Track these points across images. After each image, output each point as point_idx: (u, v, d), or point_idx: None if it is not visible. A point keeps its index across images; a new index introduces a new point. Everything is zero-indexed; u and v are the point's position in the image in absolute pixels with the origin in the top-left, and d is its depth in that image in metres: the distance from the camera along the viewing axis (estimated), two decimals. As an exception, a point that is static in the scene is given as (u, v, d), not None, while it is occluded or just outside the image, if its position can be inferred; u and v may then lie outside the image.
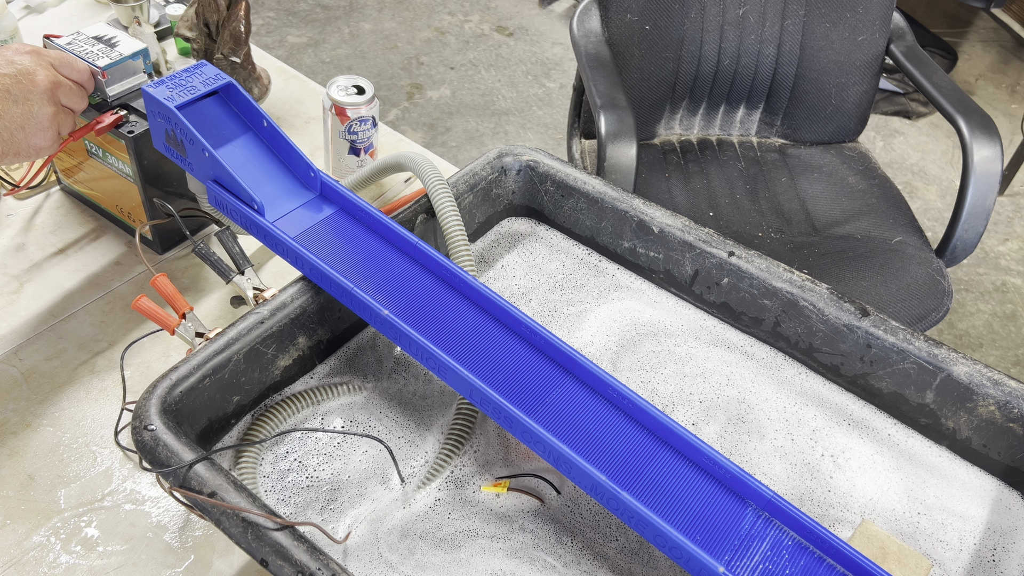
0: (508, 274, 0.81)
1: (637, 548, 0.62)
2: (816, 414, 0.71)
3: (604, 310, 0.78)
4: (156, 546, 0.66)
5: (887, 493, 0.66)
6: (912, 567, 0.61)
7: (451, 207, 0.73)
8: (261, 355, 0.64)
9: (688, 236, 0.75)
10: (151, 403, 0.57)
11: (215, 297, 0.86)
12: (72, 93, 0.72)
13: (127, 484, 0.69)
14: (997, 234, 2.32)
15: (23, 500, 0.68)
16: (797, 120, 1.56)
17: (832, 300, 0.70)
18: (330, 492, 0.63)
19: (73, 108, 0.74)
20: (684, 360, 0.75)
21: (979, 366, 0.66)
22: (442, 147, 2.41)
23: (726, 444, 0.69)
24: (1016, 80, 2.89)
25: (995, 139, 1.29)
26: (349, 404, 0.69)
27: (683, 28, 1.44)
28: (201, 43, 1.04)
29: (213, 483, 0.53)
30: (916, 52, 1.49)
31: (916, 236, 1.39)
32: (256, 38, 2.67)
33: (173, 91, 0.69)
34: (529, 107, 2.59)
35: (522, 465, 0.66)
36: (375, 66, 2.68)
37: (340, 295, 0.65)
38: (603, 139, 1.24)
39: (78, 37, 0.80)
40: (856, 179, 1.51)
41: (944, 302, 1.27)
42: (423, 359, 0.62)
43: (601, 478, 0.55)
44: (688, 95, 1.53)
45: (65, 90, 0.71)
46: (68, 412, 0.74)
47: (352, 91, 0.96)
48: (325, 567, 0.50)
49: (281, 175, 0.71)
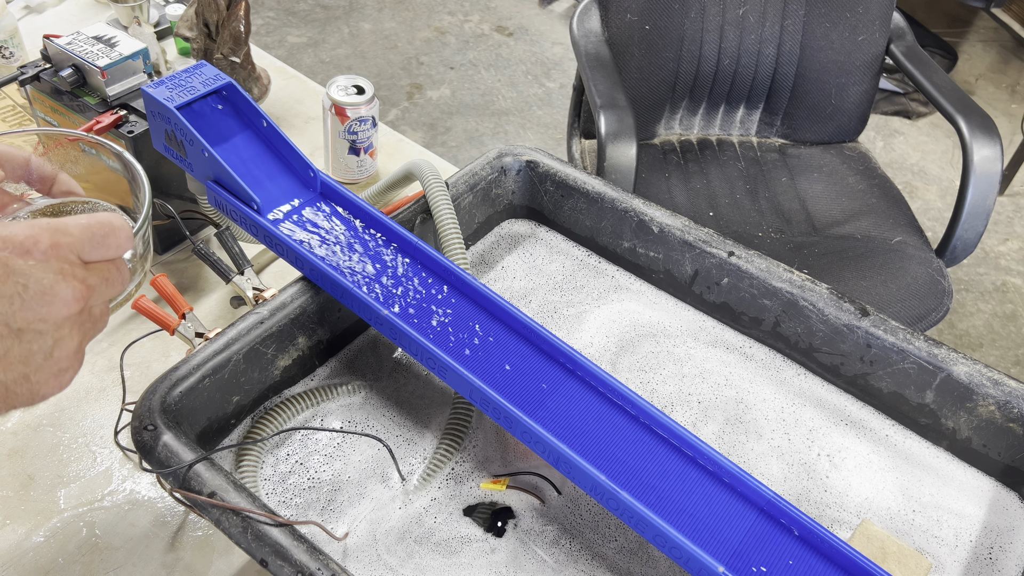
0: (508, 275, 0.81)
1: (636, 548, 0.62)
2: (813, 414, 0.71)
3: (603, 311, 0.78)
4: (156, 546, 0.66)
5: (883, 492, 0.66)
6: (912, 567, 0.61)
7: (448, 210, 0.73)
8: (261, 355, 0.64)
9: (688, 236, 0.75)
10: (151, 403, 0.57)
11: (215, 297, 0.86)
12: (109, 285, 0.45)
13: (127, 484, 0.70)
14: (997, 234, 2.32)
15: (23, 500, 0.68)
16: (797, 120, 1.56)
17: (832, 300, 0.70)
18: (330, 492, 0.63)
19: (111, 297, 0.48)
20: (683, 361, 0.75)
21: (979, 366, 0.66)
22: (442, 147, 2.41)
23: (724, 444, 0.69)
24: (1016, 80, 2.89)
25: (995, 139, 1.29)
26: (348, 404, 0.69)
27: (683, 28, 1.44)
28: (201, 43, 1.04)
29: (213, 483, 0.53)
30: (916, 52, 1.49)
31: (916, 236, 1.39)
32: (256, 38, 2.67)
33: (173, 91, 0.69)
34: (529, 107, 2.59)
35: (519, 463, 0.66)
36: (375, 66, 2.68)
37: (340, 295, 0.65)
38: (603, 139, 1.24)
39: (78, 37, 0.80)
40: (856, 179, 1.51)
41: (944, 302, 1.27)
42: (423, 359, 0.62)
43: (601, 478, 0.55)
44: (688, 95, 1.53)
45: (100, 291, 0.44)
46: (68, 412, 0.74)
47: (352, 91, 0.96)
48: (325, 567, 0.50)
49: (280, 175, 0.71)
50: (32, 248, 0.41)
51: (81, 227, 0.43)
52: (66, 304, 0.42)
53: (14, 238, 0.41)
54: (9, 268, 0.40)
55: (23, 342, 0.41)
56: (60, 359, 0.43)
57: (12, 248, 0.40)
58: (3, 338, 0.40)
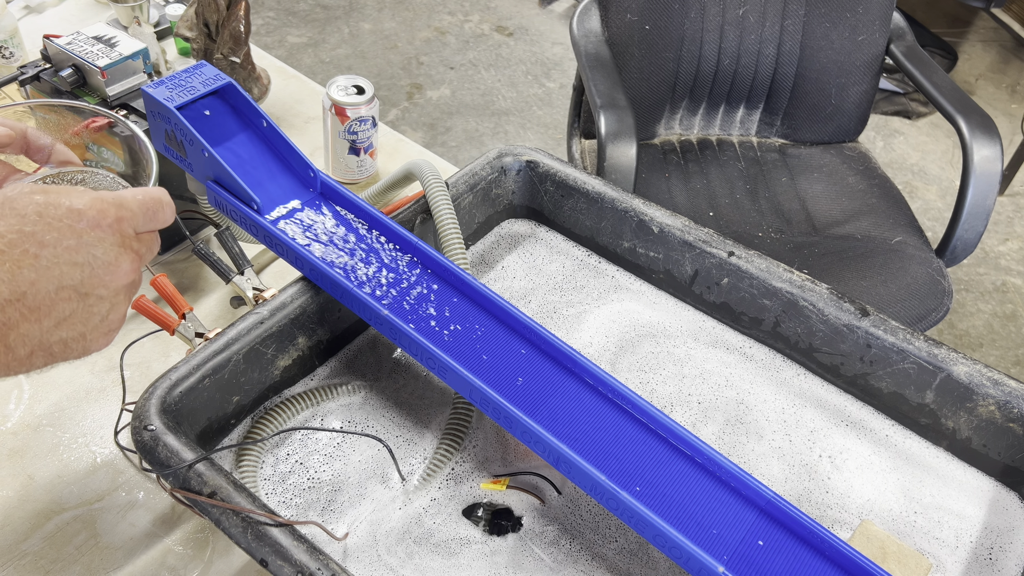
0: (508, 275, 0.81)
1: (636, 549, 0.62)
2: (814, 415, 0.71)
3: (603, 311, 0.78)
4: (156, 546, 0.66)
5: (884, 493, 0.66)
6: (912, 567, 0.61)
7: (448, 210, 0.73)
8: (261, 355, 0.64)
9: (688, 236, 0.75)
10: (151, 403, 0.57)
11: (215, 297, 0.86)
12: (150, 253, 0.51)
13: (127, 484, 0.69)
14: (997, 234, 2.32)
15: (23, 500, 0.68)
16: (797, 120, 1.56)
17: (832, 300, 0.70)
18: (330, 493, 0.63)
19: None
20: (683, 361, 0.75)
21: (979, 366, 0.66)
22: (442, 147, 2.41)
23: (724, 445, 0.69)
24: (1016, 80, 2.89)
25: (995, 139, 1.29)
26: (348, 404, 0.69)
27: (683, 28, 1.44)
28: (201, 43, 1.04)
29: (213, 483, 0.53)
30: (916, 52, 1.49)
31: (916, 236, 1.39)
32: (256, 38, 2.67)
33: (173, 91, 0.69)
34: (529, 107, 2.59)
35: (519, 463, 0.66)
36: (375, 66, 2.68)
37: (340, 295, 0.65)
38: (603, 139, 1.24)
39: (78, 37, 0.80)
40: (856, 179, 1.51)
41: (944, 302, 1.27)
42: (423, 359, 0.62)
43: (601, 478, 0.55)
44: (688, 95, 1.53)
45: (144, 259, 0.50)
46: (68, 412, 0.74)
47: (352, 91, 0.96)
48: (325, 567, 0.50)
49: (280, 175, 0.71)
50: (101, 221, 0.45)
51: (138, 202, 0.48)
52: (126, 273, 0.47)
53: (86, 212, 0.45)
54: (82, 240, 0.44)
55: (87, 305, 0.45)
56: (113, 321, 0.48)
57: (86, 221, 0.44)
58: (71, 301, 0.44)
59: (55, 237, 0.43)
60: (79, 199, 0.45)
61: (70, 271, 0.44)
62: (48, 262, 0.43)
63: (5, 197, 0.44)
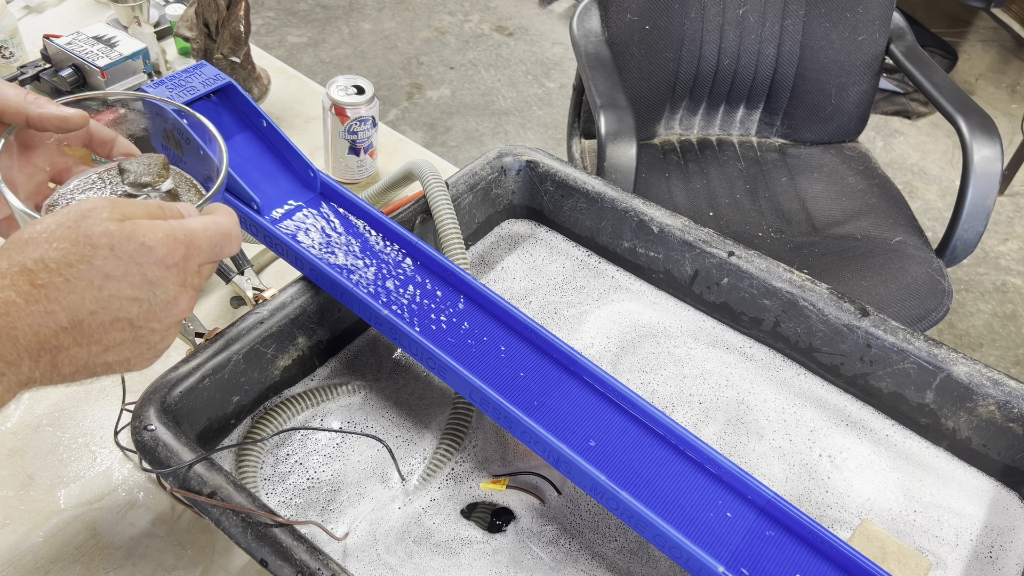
0: (508, 276, 0.81)
1: (636, 548, 0.62)
2: (814, 415, 0.71)
3: (604, 312, 0.78)
4: (156, 546, 0.66)
5: (884, 493, 0.66)
6: (912, 567, 0.61)
7: (448, 210, 0.73)
8: (261, 355, 0.64)
9: (688, 236, 0.75)
10: (151, 403, 0.57)
11: (215, 297, 0.86)
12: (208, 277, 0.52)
13: (127, 484, 0.69)
14: (997, 234, 2.32)
15: (23, 500, 0.68)
16: (797, 120, 1.56)
17: (832, 300, 0.70)
18: (330, 492, 0.63)
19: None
20: (683, 361, 0.75)
21: (979, 366, 0.66)
22: (442, 147, 2.41)
23: (725, 445, 0.69)
24: (1016, 80, 2.89)
25: (995, 139, 1.29)
26: (348, 405, 0.69)
27: (683, 28, 1.44)
28: (201, 43, 1.04)
29: (213, 483, 0.53)
30: (916, 52, 1.49)
31: (916, 236, 1.39)
32: (256, 38, 2.67)
33: (173, 91, 0.69)
34: (529, 107, 2.59)
35: (519, 463, 0.66)
36: (375, 66, 2.68)
37: (340, 295, 0.65)
38: (603, 139, 1.24)
39: (78, 37, 0.80)
40: (856, 179, 1.51)
41: (944, 302, 1.27)
42: (423, 359, 0.62)
43: (601, 478, 0.55)
44: (688, 95, 1.53)
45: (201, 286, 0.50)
46: (68, 412, 0.74)
47: (352, 91, 0.96)
48: (325, 567, 0.50)
49: (280, 175, 0.71)
50: (168, 260, 0.45)
51: (209, 240, 0.48)
52: (182, 312, 0.47)
53: (156, 249, 0.44)
54: (147, 277, 0.44)
55: (138, 336, 0.46)
56: (160, 349, 0.48)
57: (154, 258, 0.44)
58: (123, 331, 0.45)
59: (122, 272, 0.43)
60: (152, 235, 0.44)
61: (128, 305, 0.44)
62: (110, 294, 0.43)
63: (81, 216, 0.43)
